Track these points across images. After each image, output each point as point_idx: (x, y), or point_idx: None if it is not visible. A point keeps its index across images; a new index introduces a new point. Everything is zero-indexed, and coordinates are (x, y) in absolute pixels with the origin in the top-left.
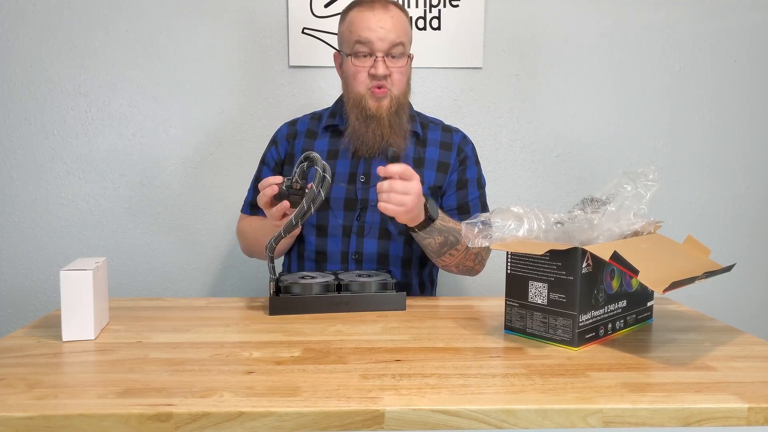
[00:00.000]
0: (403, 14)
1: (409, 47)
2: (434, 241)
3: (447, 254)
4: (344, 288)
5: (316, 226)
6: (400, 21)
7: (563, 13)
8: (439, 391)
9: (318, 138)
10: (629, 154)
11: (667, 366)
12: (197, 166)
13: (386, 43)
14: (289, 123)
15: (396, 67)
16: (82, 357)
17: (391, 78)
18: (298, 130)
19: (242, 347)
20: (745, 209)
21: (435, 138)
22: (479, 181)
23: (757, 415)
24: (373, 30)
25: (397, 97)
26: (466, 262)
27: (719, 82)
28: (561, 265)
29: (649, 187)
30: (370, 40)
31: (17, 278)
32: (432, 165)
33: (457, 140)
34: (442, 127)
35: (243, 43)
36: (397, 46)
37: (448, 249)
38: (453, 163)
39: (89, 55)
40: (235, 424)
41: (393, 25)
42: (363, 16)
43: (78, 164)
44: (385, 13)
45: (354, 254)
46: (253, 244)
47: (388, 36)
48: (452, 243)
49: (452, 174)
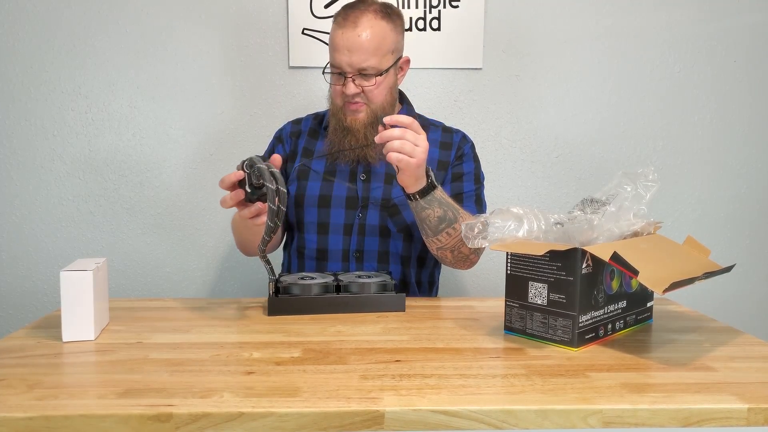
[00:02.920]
0: (383, 21)
1: (389, 59)
2: (433, 213)
3: (444, 232)
4: (343, 289)
5: (318, 224)
6: (372, 35)
7: (563, 14)
8: (439, 391)
9: (320, 138)
10: (629, 154)
11: (666, 366)
12: (197, 167)
13: (353, 67)
14: (294, 122)
15: (367, 85)
16: (82, 357)
17: (365, 94)
18: (302, 129)
19: (242, 348)
20: (745, 209)
21: (435, 138)
22: (477, 176)
23: (756, 416)
24: (340, 52)
25: (374, 111)
26: (462, 248)
27: (719, 82)
28: (561, 265)
29: (649, 187)
30: (338, 64)
31: (17, 279)
32: (432, 164)
33: (456, 140)
34: (443, 129)
35: (243, 44)
36: (366, 69)
37: (446, 226)
38: (452, 161)
39: (89, 55)
40: (235, 424)
41: (362, 44)
42: (334, 35)
43: (78, 164)
44: (353, 32)
45: (355, 252)
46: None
47: (354, 59)
48: (450, 220)
49: (450, 169)
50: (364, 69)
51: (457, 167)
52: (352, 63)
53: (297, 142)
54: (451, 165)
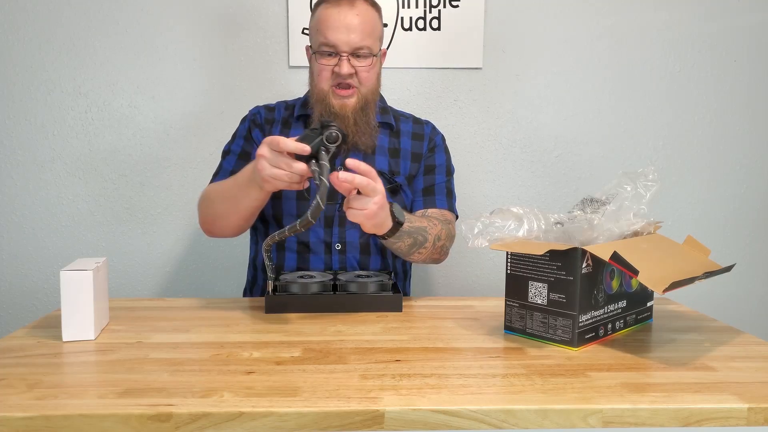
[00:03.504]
0: (372, 10)
1: (378, 45)
2: (403, 243)
3: (416, 253)
4: (341, 288)
5: (297, 216)
6: (366, 20)
7: (563, 14)
8: (439, 391)
9: (291, 128)
10: (629, 154)
11: (667, 366)
12: (197, 166)
13: (350, 45)
14: (266, 108)
15: (361, 66)
16: (82, 357)
17: (358, 76)
18: (276, 117)
19: (242, 347)
20: (745, 209)
21: (407, 130)
22: (448, 168)
23: (757, 416)
24: (337, 30)
25: (365, 95)
26: (433, 256)
27: (719, 82)
28: (561, 265)
29: (649, 187)
30: (333, 42)
31: (17, 278)
32: (407, 155)
33: (428, 131)
34: (413, 120)
35: (243, 43)
36: (363, 48)
37: (417, 248)
38: (425, 152)
39: (89, 55)
40: (236, 424)
41: (358, 24)
42: (328, 14)
43: (78, 164)
44: (350, 11)
45: (337, 244)
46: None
47: (352, 38)
48: (421, 242)
49: (423, 161)
50: (360, 48)
51: (430, 159)
52: (350, 41)
53: (271, 130)
54: (424, 157)
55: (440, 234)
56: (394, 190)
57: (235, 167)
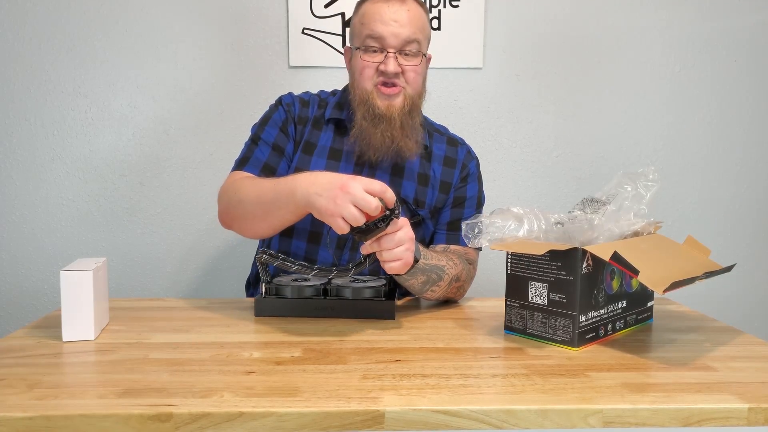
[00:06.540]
0: (422, 9)
1: (426, 45)
2: (416, 281)
3: (429, 291)
4: (333, 293)
5: (310, 231)
6: (416, 16)
7: (563, 13)
8: (439, 391)
9: (322, 131)
10: (629, 154)
11: (667, 366)
12: (197, 166)
13: (399, 39)
14: (302, 102)
15: (409, 65)
16: (82, 357)
17: (405, 76)
18: (309, 115)
19: (242, 347)
20: (745, 209)
21: (440, 154)
22: (479, 201)
23: (757, 416)
24: (386, 24)
25: (411, 97)
26: (448, 295)
27: (719, 82)
28: (561, 265)
29: (649, 187)
30: (381, 35)
31: (17, 278)
32: (436, 184)
33: (461, 156)
34: (447, 140)
35: (243, 43)
36: (412, 44)
37: (430, 286)
38: (455, 183)
39: (89, 55)
40: (236, 424)
41: (408, 20)
42: (376, 8)
43: (78, 164)
44: (401, 6)
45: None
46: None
47: (402, 32)
48: (434, 280)
49: (453, 192)
50: (410, 44)
51: (461, 190)
52: (400, 35)
53: (303, 130)
54: (454, 187)
55: (459, 275)
56: (417, 223)
57: (269, 160)
